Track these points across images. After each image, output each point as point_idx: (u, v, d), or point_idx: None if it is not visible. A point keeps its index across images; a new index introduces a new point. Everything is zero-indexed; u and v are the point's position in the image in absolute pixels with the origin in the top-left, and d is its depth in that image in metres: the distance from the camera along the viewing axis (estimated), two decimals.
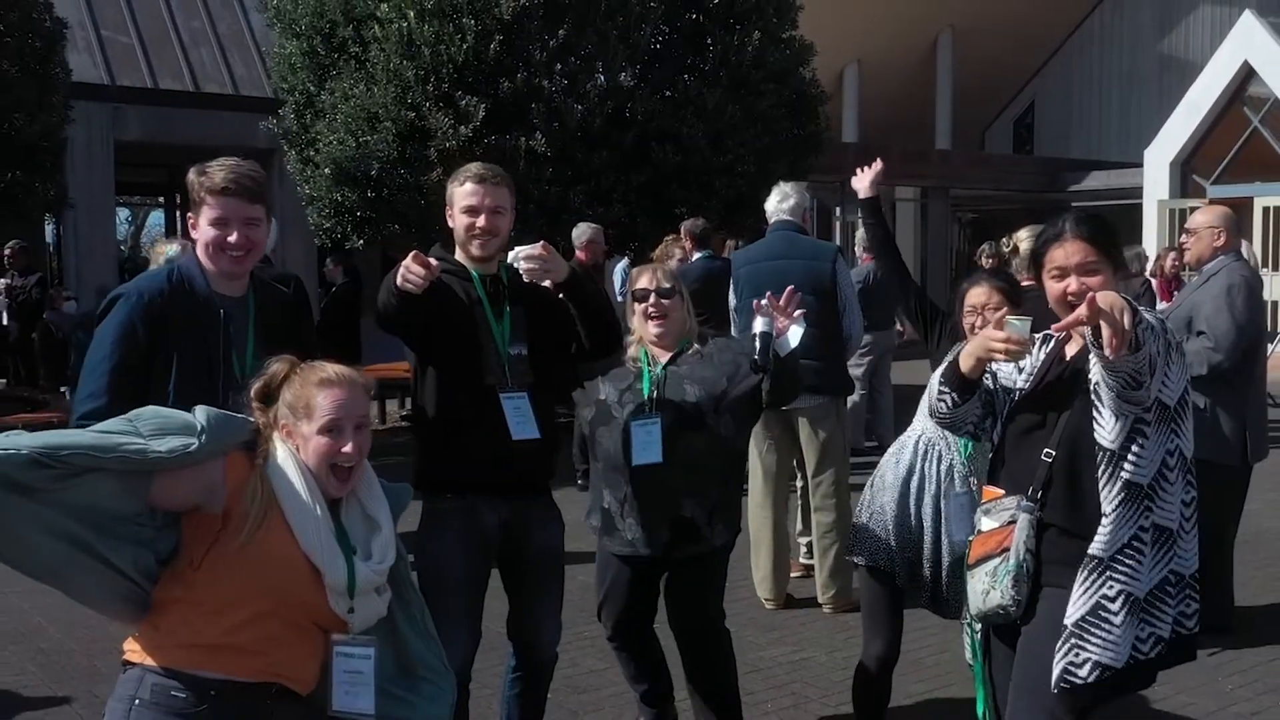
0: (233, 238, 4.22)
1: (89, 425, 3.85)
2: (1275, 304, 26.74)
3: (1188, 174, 29.10)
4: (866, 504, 5.38)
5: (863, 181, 6.44)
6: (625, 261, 16.35)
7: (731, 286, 8.37)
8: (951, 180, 34.34)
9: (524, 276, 4.73)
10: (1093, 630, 3.71)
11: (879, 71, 35.37)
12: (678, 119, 15.48)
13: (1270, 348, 18.59)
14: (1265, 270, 26.76)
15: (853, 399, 10.70)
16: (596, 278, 13.31)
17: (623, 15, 15.03)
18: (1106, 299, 3.41)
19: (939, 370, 4.32)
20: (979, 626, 4.32)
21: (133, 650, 3.36)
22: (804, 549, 8.53)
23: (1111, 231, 4.14)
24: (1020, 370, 4.09)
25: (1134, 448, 3.74)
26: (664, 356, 5.27)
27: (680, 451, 5.08)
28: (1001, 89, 39.15)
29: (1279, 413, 17.34)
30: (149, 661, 3.32)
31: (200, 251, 4.27)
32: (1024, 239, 7.47)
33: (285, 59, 15.96)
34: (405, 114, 14.62)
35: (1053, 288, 3.96)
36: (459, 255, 4.88)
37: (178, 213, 26.55)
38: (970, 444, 5.06)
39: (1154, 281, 15.32)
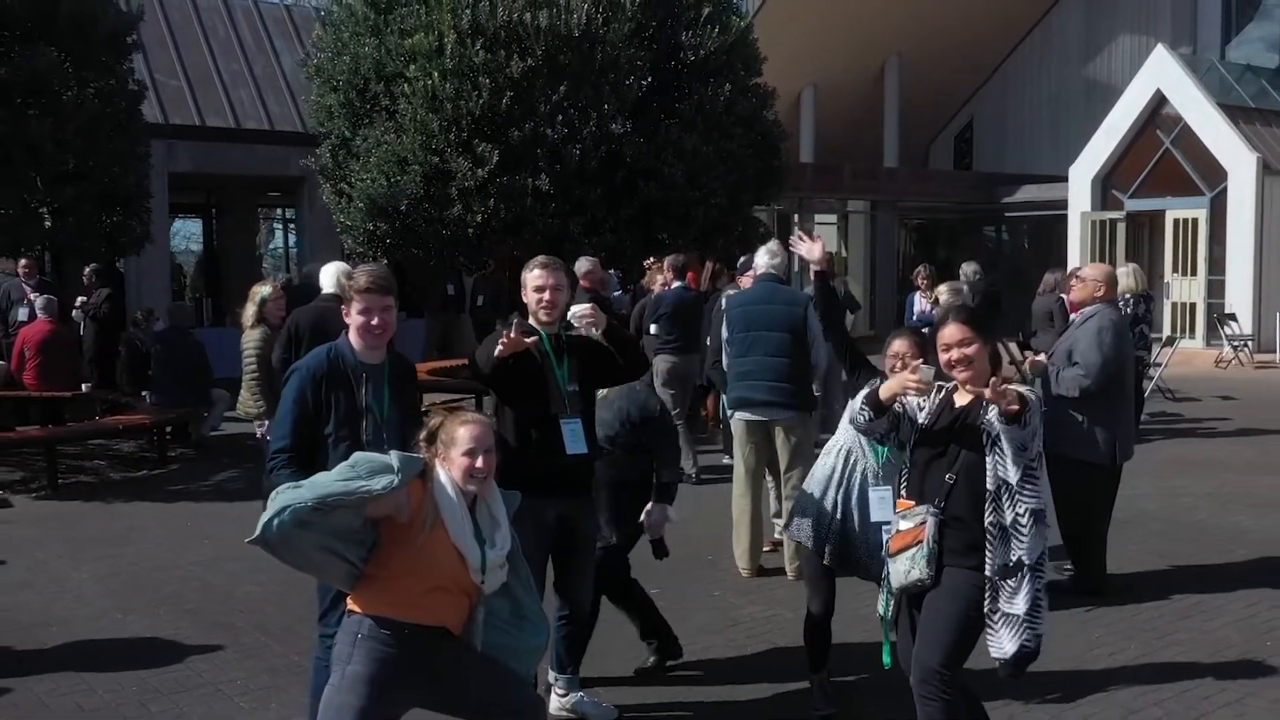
0: (374, 322, 5.49)
1: (280, 457, 5.31)
2: (1187, 305, 27.63)
3: (1108, 189, 29.54)
4: (801, 495, 6.48)
5: (814, 253, 6.92)
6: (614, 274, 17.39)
7: (725, 323, 9.40)
8: (898, 194, 34.69)
9: (579, 328, 6.01)
10: (1038, 615, 4.95)
11: (833, 94, 35.40)
12: (660, 160, 16.27)
13: (1170, 350, 19.69)
14: (1175, 275, 27.66)
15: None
16: (605, 298, 14.30)
17: (613, 72, 15.81)
18: (1001, 394, 4.82)
19: (861, 394, 5.44)
20: (894, 591, 5.43)
21: (354, 605, 4.62)
22: (777, 528, 9.49)
23: (981, 317, 5.34)
24: (921, 408, 5.42)
25: (1029, 485, 4.98)
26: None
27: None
28: (943, 108, 39.00)
29: (1177, 406, 18.61)
30: (361, 609, 4.58)
31: (352, 332, 5.53)
32: (944, 293, 8.79)
33: (324, 107, 16.72)
34: (430, 158, 15.41)
35: (941, 356, 5.21)
36: (531, 320, 6.09)
37: (213, 223, 27.45)
38: (883, 450, 6.11)
39: (1065, 298, 16.23)
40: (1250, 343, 25.16)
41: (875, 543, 5.96)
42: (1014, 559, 4.96)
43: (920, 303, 16.45)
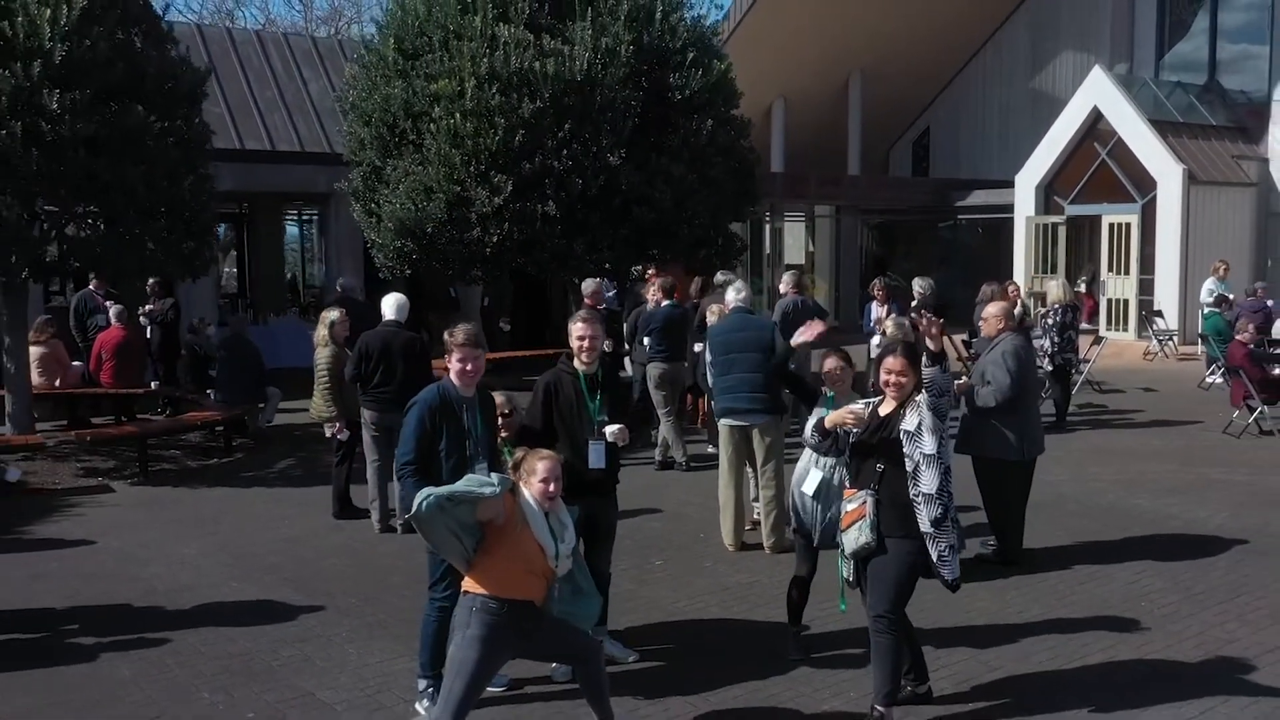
0: (469, 368, 7.00)
1: (407, 469, 6.77)
2: (1120, 301, 28.72)
3: (1050, 195, 30.17)
4: (790, 491, 7.91)
5: (803, 337, 8.25)
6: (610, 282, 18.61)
7: (709, 349, 10.80)
8: (860, 200, 34.83)
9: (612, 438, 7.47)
10: (961, 544, 6.55)
11: (801, 105, 35.74)
12: (651, 186, 16.90)
13: (1098, 348, 20.88)
14: (1110, 274, 28.82)
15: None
16: (603, 313, 15.50)
17: (610, 111, 16.45)
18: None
19: (810, 423, 7.08)
20: (851, 559, 6.80)
21: (468, 586, 6.02)
22: (756, 510, 10.80)
23: (914, 354, 6.68)
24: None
25: (941, 458, 6.44)
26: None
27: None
28: (902, 117, 38.87)
29: (1103, 398, 19.85)
30: (477, 590, 5.99)
31: (453, 374, 7.01)
32: (890, 326, 10.26)
33: (357, 138, 17.45)
34: (452, 187, 16.13)
35: (882, 377, 6.71)
36: (575, 361, 7.56)
37: (245, 230, 28.39)
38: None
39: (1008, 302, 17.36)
40: (1174, 337, 25.90)
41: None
42: (938, 513, 6.42)
43: (876, 310, 17.72)
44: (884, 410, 6.72)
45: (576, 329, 7.63)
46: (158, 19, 14.20)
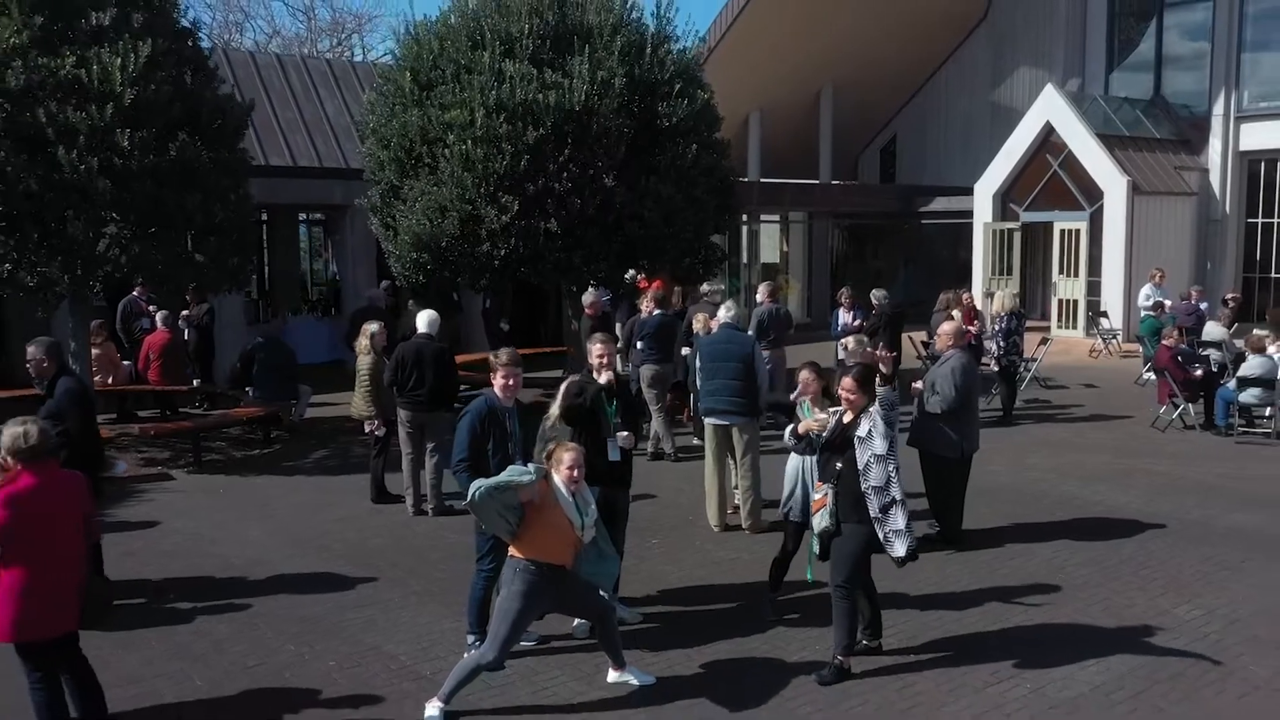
0: (510, 383, 8.39)
1: (462, 464, 8.12)
2: (1070, 301, 29.87)
3: (1006, 202, 31.09)
4: (787, 484, 9.21)
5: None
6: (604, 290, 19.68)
7: (698, 357, 12.08)
8: (831, 206, 35.71)
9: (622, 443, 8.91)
10: (910, 527, 7.77)
11: (776, 116, 36.25)
12: (642, 205, 17.70)
13: (1044, 348, 22.15)
14: (1061, 276, 30.00)
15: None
16: (599, 321, 16.72)
17: (605, 138, 17.26)
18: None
19: (789, 430, 8.52)
20: (818, 538, 8.21)
21: (514, 553, 7.35)
22: (736, 496, 12.01)
23: (868, 373, 8.16)
24: (825, 429, 8.38)
25: (891, 456, 7.78)
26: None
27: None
28: (870, 126, 39.38)
29: (1048, 394, 21.15)
30: (520, 556, 7.32)
31: (497, 388, 8.42)
32: (850, 344, 11.66)
33: (376, 159, 18.27)
34: (464, 206, 16.96)
35: (840, 394, 8.14)
36: (595, 374, 8.96)
37: (264, 236, 28.62)
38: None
39: (962, 311, 17.93)
40: (1118, 336, 26.93)
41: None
42: (885, 502, 7.75)
43: (843, 316, 19.16)
44: (846, 419, 8.14)
45: (596, 349, 9.05)
46: (205, 58, 15.38)
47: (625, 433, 8.91)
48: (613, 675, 7.92)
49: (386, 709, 7.60)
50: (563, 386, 8.92)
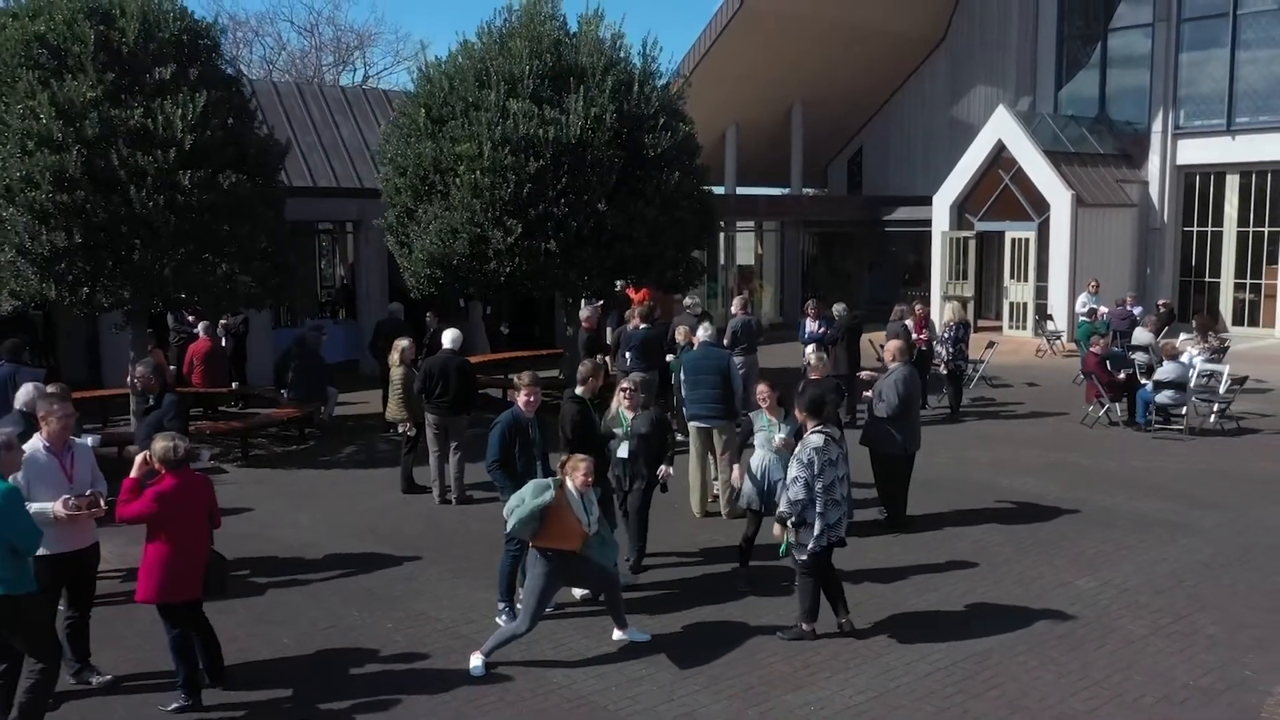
0: (531, 399, 10.07)
1: (495, 464, 9.77)
2: (1020, 304, 31.37)
3: (962, 213, 32.63)
4: (747, 478, 10.86)
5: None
6: (596, 302, 21.39)
7: (682, 370, 13.71)
8: (802, 215, 37.25)
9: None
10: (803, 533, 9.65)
11: (751, 129, 37.74)
12: (630, 227, 18.94)
13: (990, 351, 23.75)
14: (1012, 280, 31.53)
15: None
16: (594, 334, 18.40)
17: (598, 167, 18.48)
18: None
19: (779, 438, 10.31)
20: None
21: (535, 544, 8.90)
22: (716, 487, 13.57)
23: (819, 402, 9.99)
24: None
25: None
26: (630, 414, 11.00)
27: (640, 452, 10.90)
28: (838, 138, 40.89)
29: (993, 392, 22.74)
30: (542, 545, 8.87)
31: (520, 404, 10.08)
32: (811, 359, 13.33)
33: (392, 184, 19.57)
34: (473, 229, 18.26)
35: (798, 415, 9.95)
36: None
37: None
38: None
39: (909, 325, 19.81)
40: (1062, 336, 28.37)
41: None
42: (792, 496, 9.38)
43: (809, 325, 20.80)
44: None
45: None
46: (248, 102, 16.98)
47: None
48: (617, 634, 9.60)
49: (435, 661, 9.26)
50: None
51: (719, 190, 34.32)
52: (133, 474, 8.16)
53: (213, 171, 15.21)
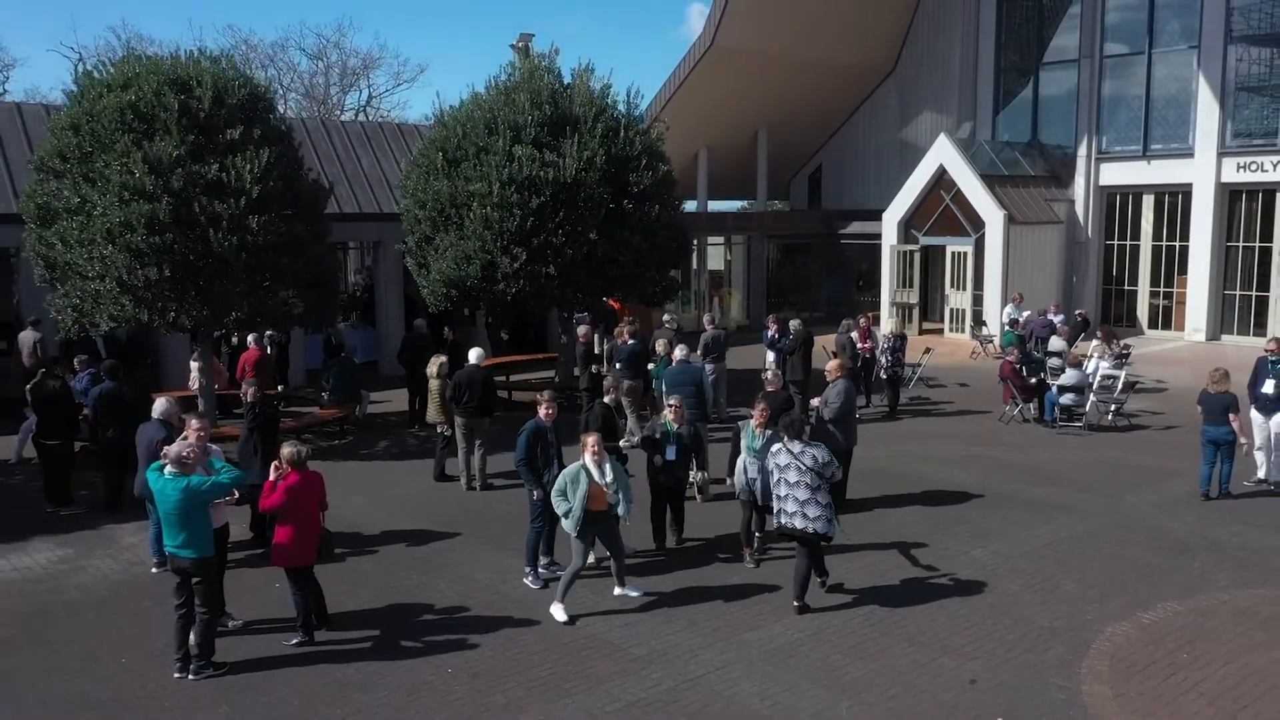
0: (551, 411, 12.56)
1: (523, 461, 12.26)
2: (959, 309, 33.81)
3: (909, 228, 34.78)
4: (737, 474, 13.16)
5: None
6: (589, 318, 23.81)
7: (665, 385, 16.22)
8: (766, 229, 39.34)
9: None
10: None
11: (720, 151, 39.78)
12: (618, 252, 21.20)
13: (927, 357, 26.24)
14: (952, 289, 33.99)
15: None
16: (589, 347, 20.87)
17: (590, 203, 20.69)
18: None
19: (773, 449, 12.87)
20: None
21: None
22: (693, 476, 15.17)
23: (790, 415, 12.51)
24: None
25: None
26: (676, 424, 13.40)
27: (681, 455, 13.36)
28: (800, 155, 42.96)
29: (928, 392, 25.09)
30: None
31: (541, 414, 12.57)
32: (769, 375, 15.88)
33: (413, 214, 21.75)
34: (484, 256, 20.43)
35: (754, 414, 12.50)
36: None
37: None
38: (755, 448, 12.97)
39: (854, 336, 22.29)
40: (994, 340, 30.27)
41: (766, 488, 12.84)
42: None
43: (771, 331, 23.14)
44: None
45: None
46: (297, 150, 19.39)
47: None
48: (617, 590, 12.11)
49: (481, 610, 11.76)
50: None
51: (691, 205, 36.89)
52: (270, 477, 10.64)
53: (274, 215, 17.59)
